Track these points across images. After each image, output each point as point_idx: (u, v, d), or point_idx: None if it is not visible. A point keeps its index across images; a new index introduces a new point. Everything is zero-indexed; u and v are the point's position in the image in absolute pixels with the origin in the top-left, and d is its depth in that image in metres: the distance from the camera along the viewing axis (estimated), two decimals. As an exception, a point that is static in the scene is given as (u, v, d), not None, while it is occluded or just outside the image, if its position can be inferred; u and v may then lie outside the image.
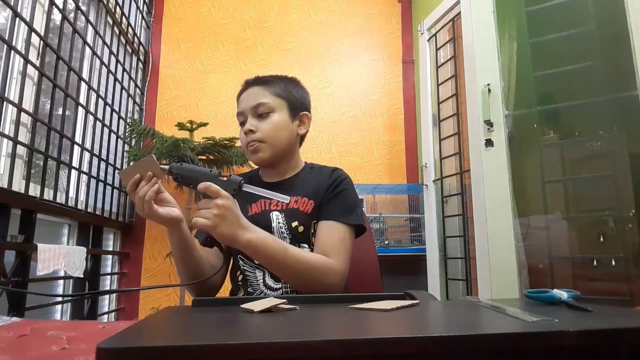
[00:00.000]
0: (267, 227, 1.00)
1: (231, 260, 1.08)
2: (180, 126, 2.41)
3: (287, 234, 1.00)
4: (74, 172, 1.91)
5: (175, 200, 0.94)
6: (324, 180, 1.06)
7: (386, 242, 2.54)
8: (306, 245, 1.01)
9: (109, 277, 2.47)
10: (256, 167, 1.16)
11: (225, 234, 0.83)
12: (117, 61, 2.39)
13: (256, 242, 0.87)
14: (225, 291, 1.12)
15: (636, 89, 1.52)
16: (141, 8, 2.75)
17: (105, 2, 2.23)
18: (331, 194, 1.04)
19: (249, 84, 1.09)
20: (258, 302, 0.61)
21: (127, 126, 2.47)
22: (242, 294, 1.02)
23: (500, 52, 1.97)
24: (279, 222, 1.02)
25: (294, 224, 1.01)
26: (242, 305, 0.61)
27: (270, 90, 1.06)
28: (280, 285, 0.98)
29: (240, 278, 1.03)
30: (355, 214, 1.03)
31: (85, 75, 2.08)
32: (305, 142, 1.16)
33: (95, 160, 2.13)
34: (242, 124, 1.07)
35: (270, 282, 0.99)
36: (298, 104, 1.09)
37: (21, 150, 1.56)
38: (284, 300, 0.62)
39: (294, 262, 0.91)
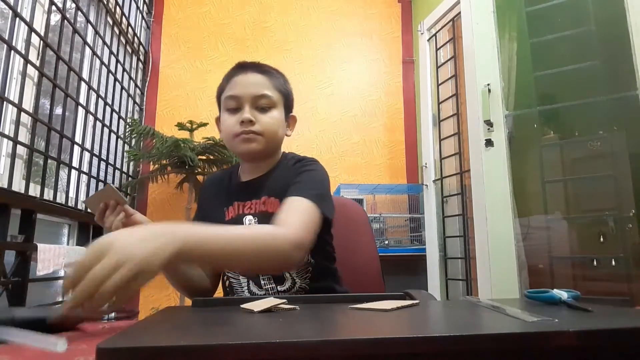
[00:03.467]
0: None
1: None
2: (180, 126, 2.41)
3: None
4: (74, 172, 1.91)
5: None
6: (290, 173, 0.99)
7: (386, 242, 2.54)
8: None
9: (109, 277, 2.47)
10: (234, 163, 1.10)
11: (153, 272, 0.58)
12: (117, 61, 2.39)
13: (195, 250, 0.66)
14: (222, 292, 1.13)
15: (636, 89, 1.52)
16: (141, 8, 2.75)
17: (105, 2, 2.23)
18: (294, 178, 0.96)
19: (246, 67, 0.99)
20: (258, 302, 0.61)
21: (127, 126, 2.47)
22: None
23: (500, 52, 1.97)
24: None
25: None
26: (242, 306, 0.61)
27: (272, 82, 0.99)
28: (263, 292, 0.95)
29: (227, 284, 1.03)
30: (317, 191, 0.91)
31: (85, 75, 2.08)
32: (305, 142, 1.15)
33: (95, 160, 2.13)
34: (234, 110, 0.96)
35: (254, 288, 0.97)
36: (291, 104, 1.05)
37: (21, 150, 1.56)
38: (284, 300, 0.62)
39: (238, 239, 0.74)
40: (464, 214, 2.28)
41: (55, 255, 1.57)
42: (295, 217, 0.84)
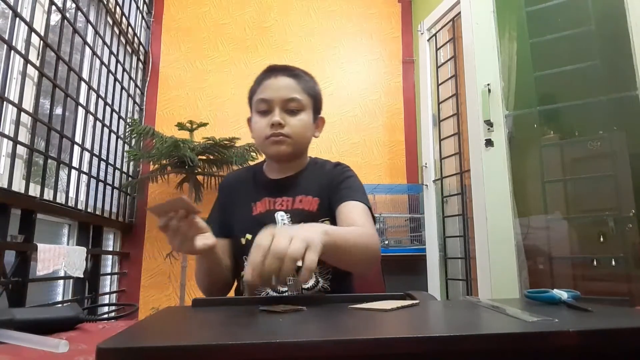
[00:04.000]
0: None
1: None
2: (180, 126, 2.41)
3: None
4: (74, 172, 1.91)
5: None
6: (327, 176, 1.06)
7: (386, 242, 2.54)
8: None
9: (109, 277, 2.47)
10: (256, 161, 1.15)
11: (317, 259, 0.65)
12: (117, 61, 2.39)
13: (335, 238, 0.75)
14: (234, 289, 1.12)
15: (636, 89, 1.52)
16: (141, 8, 2.75)
17: (105, 2, 2.23)
18: (338, 183, 1.03)
19: (277, 71, 1.04)
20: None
21: (127, 126, 2.47)
22: (246, 294, 1.01)
23: (500, 52, 1.97)
24: (284, 223, 1.00)
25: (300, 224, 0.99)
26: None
27: (301, 85, 1.03)
28: (286, 289, 0.97)
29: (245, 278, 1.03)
30: (365, 198, 1.02)
31: (85, 75, 2.08)
32: (305, 141, 1.15)
33: (95, 160, 2.13)
34: (265, 112, 1.01)
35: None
36: (319, 106, 1.09)
37: (21, 150, 1.56)
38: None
39: (357, 247, 0.84)
40: (464, 214, 2.28)
41: (55, 255, 1.57)
42: (368, 221, 0.95)
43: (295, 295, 0.95)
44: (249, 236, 1.01)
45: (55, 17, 1.79)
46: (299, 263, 0.61)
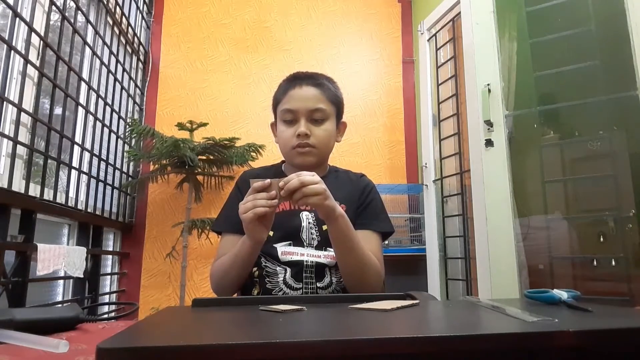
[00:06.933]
0: (297, 226, 1.00)
1: None
2: (180, 126, 2.41)
3: (316, 235, 1.00)
4: (74, 172, 1.91)
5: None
6: (354, 187, 1.10)
7: (386, 242, 2.54)
8: (332, 250, 0.99)
9: (109, 277, 2.47)
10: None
11: (330, 207, 0.86)
12: (117, 61, 2.39)
13: (347, 220, 0.90)
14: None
15: (636, 89, 1.52)
16: (141, 8, 2.75)
17: (105, 2, 2.23)
18: (363, 203, 1.07)
19: (301, 80, 1.06)
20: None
21: (127, 126, 2.47)
22: (256, 290, 1.00)
23: (500, 52, 1.97)
24: (309, 223, 1.01)
25: (325, 227, 0.99)
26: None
27: (325, 94, 1.05)
28: (300, 285, 0.97)
29: (256, 274, 1.01)
30: (386, 221, 1.09)
31: (85, 75, 2.08)
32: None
33: (95, 160, 2.13)
34: (290, 122, 1.04)
35: (290, 281, 0.98)
36: (342, 111, 1.12)
37: (21, 150, 1.56)
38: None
39: (362, 252, 0.94)
40: (464, 214, 2.28)
41: (55, 255, 1.57)
42: (379, 254, 1.02)
43: (300, 295, 0.95)
44: (270, 233, 1.00)
45: (55, 17, 1.79)
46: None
